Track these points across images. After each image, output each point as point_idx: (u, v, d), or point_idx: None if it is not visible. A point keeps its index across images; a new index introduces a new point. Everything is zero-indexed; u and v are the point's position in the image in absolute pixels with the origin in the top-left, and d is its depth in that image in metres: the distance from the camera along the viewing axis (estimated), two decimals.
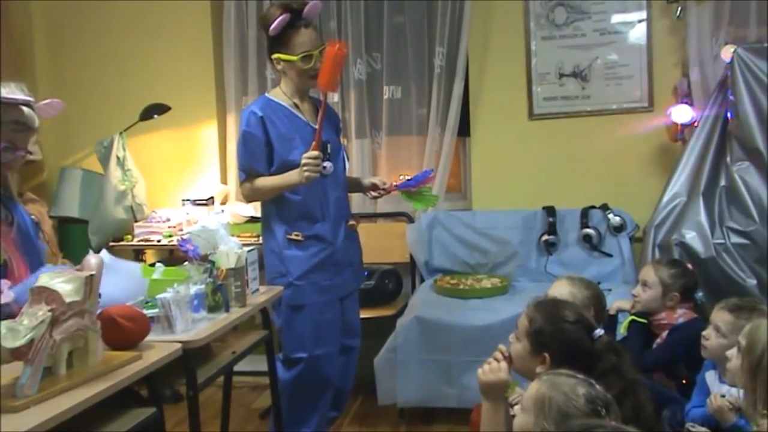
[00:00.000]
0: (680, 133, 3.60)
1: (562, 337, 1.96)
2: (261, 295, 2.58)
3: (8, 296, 1.67)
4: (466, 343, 3.30)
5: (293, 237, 2.85)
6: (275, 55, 2.81)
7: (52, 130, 4.13)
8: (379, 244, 4.01)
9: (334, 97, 4.07)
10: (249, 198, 2.95)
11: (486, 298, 3.57)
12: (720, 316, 2.26)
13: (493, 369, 1.95)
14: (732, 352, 2.00)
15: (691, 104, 3.56)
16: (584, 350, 1.93)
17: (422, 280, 3.97)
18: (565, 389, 1.63)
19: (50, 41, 4.35)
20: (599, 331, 1.98)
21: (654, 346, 2.67)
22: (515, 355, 1.99)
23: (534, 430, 1.63)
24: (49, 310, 1.49)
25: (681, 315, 2.66)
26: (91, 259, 1.68)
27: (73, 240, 4.08)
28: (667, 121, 3.67)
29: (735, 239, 3.19)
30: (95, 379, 1.59)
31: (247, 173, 2.85)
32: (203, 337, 2.07)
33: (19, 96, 1.99)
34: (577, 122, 3.92)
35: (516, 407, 1.73)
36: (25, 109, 2.01)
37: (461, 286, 3.70)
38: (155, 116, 4.06)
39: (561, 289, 2.46)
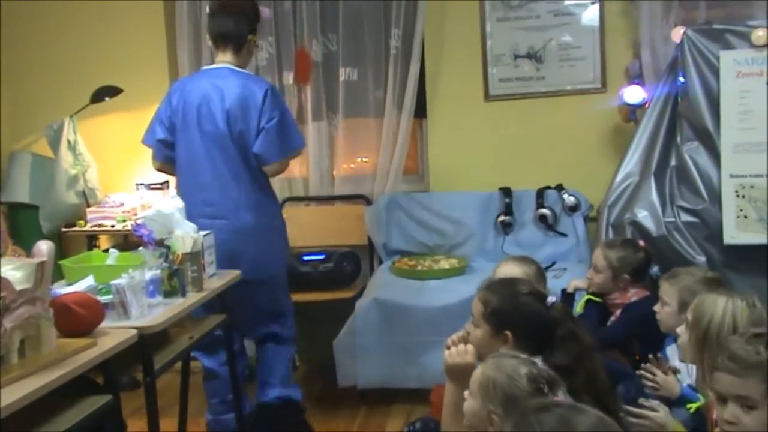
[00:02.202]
0: (632, 114, 3.65)
1: (521, 310, 1.99)
2: (217, 279, 2.56)
3: None
4: (425, 323, 3.32)
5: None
6: (251, 36, 2.91)
7: (1, 114, 4.02)
8: (337, 227, 4.03)
9: (289, 79, 4.04)
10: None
11: (444, 279, 3.60)
12: (662, 287, 2.35)
13: (460, 352, 1.97)
14: (681, 329, 2.06)
15: (642, 85, 3.62)
16: (543, 320, 1.97)
17: (380, 262, 3.98)
18: (508, 370, 1.65)
19: None
20: (552, 298, 2.03)
21: (608, 324, 2.73)
22: (477, 343, 2.00)
23: (482, 414, 1.65)
24: None
25: (634, 294, 2.72)
26: (42, 245, 1.65)
27: (23, 226, 3.99)
28: (619, 102, 3.72)
29: (685, 218, 3.26)
30: (49, 367, 1.57)
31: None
32: (159, 323, 2.05)
33: None
34: (532, 103, 3.95)
35: (465, 392, 1.75)
36: None
37: (419, 268, 3.72)
38: (107, 99, 3.97)
39: (512, 270, 2.49)
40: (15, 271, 1.51)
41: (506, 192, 3.89)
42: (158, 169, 3.11)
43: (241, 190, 2.84)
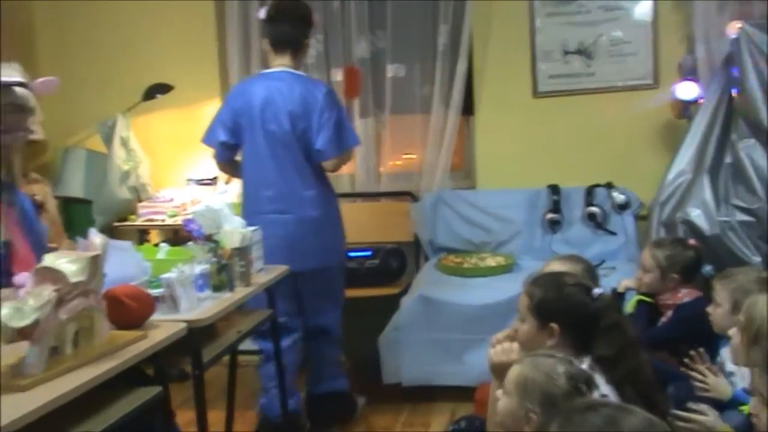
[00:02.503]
0: (685, 110, 3.58)
1: (566, 301, 1.97)
2: (265, 274, 2.59)
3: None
4: (470, 321, 3.31)
5: None
6: (306, 40, 3.06)
7: (56, 111, 4.11)
8: (383, 223, 4.02)
9: (337, 76, 4.06)
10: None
11: (490, 277, 3.58)
12: (715, 287, 2.30)
13: (505, 350, 1.96)
14: (734, 330, 2.01)
15: (696, 81, 3.54)
16: (588, 311, 1.94)
17: (426, 259, 3.97)
18: (546, 369, 1.64)
19: (52, 21, 4.32)
20: (598, 290, 2.00)
21: (659, 324, 2.68)
22: (524, 338, 1.98)
23: (519, 413, 1.64)
24: (55, 290, 1.49)
25: (686, 294, 2.66)
26: (96, 238, 1.68)
27: (78, 220, 4.08)
28: (671, 98, 3.65)
29: (740, 217, 3.18)
30: (101, 358, 1.60)
31: None
32: (208, 317, 2.07)
33: (13, 77, 1.99)
34: (581, 100, 3.90)
35: (498, 391, 1.74)
36: (18, 89, 2.00)
37: (465, 265, 3.70)
38: (158, 96, 4.04)
39: (560, 268, 2.46)
40: (70, 264, 1.54)
41: (554, 189, 3.85)
42: (221, 169, 3.28)
43: (304, 186, 2.99)
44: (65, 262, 1.54)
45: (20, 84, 2.00)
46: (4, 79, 1.97)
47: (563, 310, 1.95)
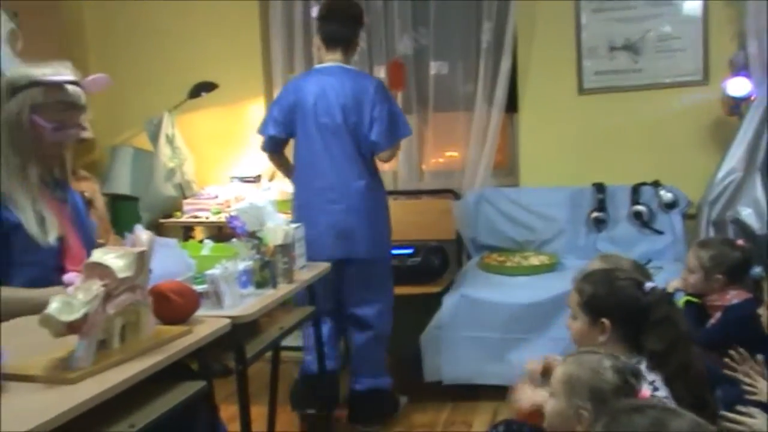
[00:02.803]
0: (736, 107, 3.49)
1: (617, 296, 1.94)
2: (307, 271, 2.60)
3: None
4: (513, 320, 3.28)
5: None
6: (356, 38, 3.14)
7: (104, 109, 4.19)
8: (425, 221, 4.01)
9: (380, 72, 4.07)
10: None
11: (533, 276, 3.54)
12: (765, 289, 2.23)
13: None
14: None
15: (748, 77, 3.45)
16: (640, 305, 1.91)
17: (469, 257, 3.95)
18: (592, 365, 1.62)
19: (102, 21, 4.41)
20: (650, 284, 1.97)
21: (708, 326, 2.62)
22: (576, 335, 1.97)
23: (568, 413, 1.62)
24: (103, 285, 1.52)
25: (734, 296, 2.60)
26: (142, 235, 1.71)
27: (125, 217, 4.16)
28: (722, 94, 3.57)
29: None
30: (147, 352, 1.62)
31: None
32: (251, 313, 2.09)
33: (64, 75, 2.02)
34: (628, 96, 3.83)
35: (545, 393, 1.72)
36: (70, 87, 2.03)
37: (508, 264, 3.67)
38: (203, 94, 4.09)
39: (602, 266, 2.43)
40: (117, 259, 1.56)
41: (599, 188, 3.80)
42: (269, 159, 3.34)
43: (355, 177, 3.06)
44: (113, 257, 1.56)
45: (72, 82, 2.04)
46: (57, 77, 2.01)
47: (614, 304, 1.92)
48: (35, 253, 2.00)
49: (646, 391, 1.58)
